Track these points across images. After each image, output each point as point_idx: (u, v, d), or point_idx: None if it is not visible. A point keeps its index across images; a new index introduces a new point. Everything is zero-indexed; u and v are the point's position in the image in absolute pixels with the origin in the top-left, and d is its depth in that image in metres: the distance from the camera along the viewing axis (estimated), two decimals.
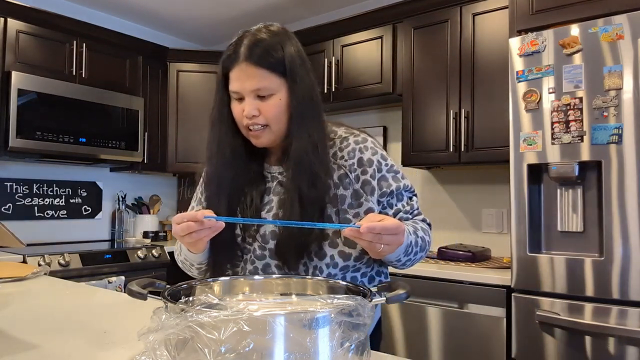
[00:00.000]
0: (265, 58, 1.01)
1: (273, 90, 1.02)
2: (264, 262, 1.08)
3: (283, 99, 1.03)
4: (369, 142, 1.11)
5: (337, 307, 0.66)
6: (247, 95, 1.02)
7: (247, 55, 1.01)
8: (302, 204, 1.01)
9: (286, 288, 0.88)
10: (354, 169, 1.08)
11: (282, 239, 1.04)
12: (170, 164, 3.60)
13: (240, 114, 1.04)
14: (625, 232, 1.73)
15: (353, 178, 1.07)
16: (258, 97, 1.02)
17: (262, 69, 1.00)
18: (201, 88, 3.67)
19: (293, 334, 0.61)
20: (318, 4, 3.45)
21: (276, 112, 1.02)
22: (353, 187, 1.07)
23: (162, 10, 3.58)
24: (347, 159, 1.08)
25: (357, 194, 1.06)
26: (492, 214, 2.75)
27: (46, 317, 1.16)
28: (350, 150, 1.09)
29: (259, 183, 1.11)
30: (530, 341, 1.91)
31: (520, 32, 2.07)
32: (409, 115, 2.72)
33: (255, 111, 1.01)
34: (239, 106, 1.04)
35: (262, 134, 1.04)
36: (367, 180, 1.07)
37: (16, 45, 2.81)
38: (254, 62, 1.00)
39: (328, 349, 0.63)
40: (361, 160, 1.08)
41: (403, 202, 1.11)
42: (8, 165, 3.11)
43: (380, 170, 1.09)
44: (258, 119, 1.02)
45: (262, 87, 1.01)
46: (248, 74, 1.00)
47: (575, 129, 1.84)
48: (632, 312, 1.70)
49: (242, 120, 1.04)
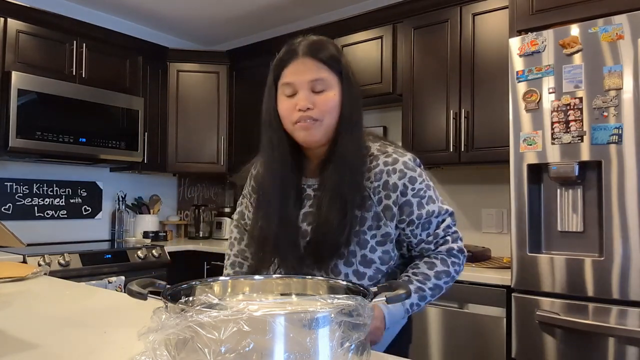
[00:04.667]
0: (325, 54, 1.04)
1: (329, 85, 1.03)
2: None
3: (337, 95, 1.04)
4: (399, 164, 1.08)
5: (337, 307, 0.66)
6: (301, 88, 1.03)
7: (306, 51, 1.04)
8: (340, 200, 1.03)
9: (286, 288, 0.88)
10: (378, 191, 1.07)
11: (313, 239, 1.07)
12: (170, 164, 3.60)
13: (290, 109, 1.04)
14: (625, 232, 1.73)
15: (376, 201, 1.07)
16: (313, 91, 1.03)
17: (321, 62, 1.03)
18: (201, 88, 3.67)
19: (293, 334, 0.61)
20: (318, 4, 3.45)
21: (330, 106, 1.03)
22: (374, 210, 1.07)
23: (162, 10, 3.58)
24: (373, 180, 1.08)
25: (377, 216, 1.07)
26: (492, 214, 2.75)
27: (46, 317, 1.16)
28: (377, 172, 1.08)
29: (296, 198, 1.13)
30: (530, 341, 1.91)
31: (520, 32, 2.07)
32: (409, 115, 2.72)
33: (310, 104, 1.02)
34: (290, 101, 1.04)
35: (312, 126, 1.03)
36: (389, 206, 1.07)
37: (16, 45, 2.81)
38: (314, 56, 1.03)
39: (328, 349, 0.63)
40: (386, 184, 1.07)
41: (429, 230, 1.10)
42: (8, 165, 3.11)
43: (405, 194, 1.07)
44: (312, 112, 1.02)
45: (320, 78, 1.02)
46: (307, 67, 1.03)
47: (575, 129, 1.84)
48: (632, 312, 1.70)
49: (292, 115, 1.04)
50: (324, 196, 1.06)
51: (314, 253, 1.06)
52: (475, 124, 2.48)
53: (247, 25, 3.86)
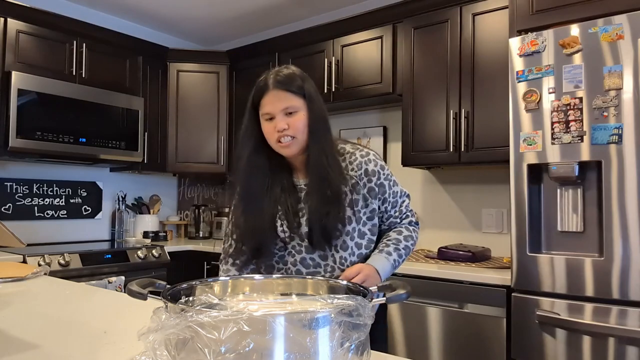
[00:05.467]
0: (290, 84, 1.31)
1: (297, 108, 1.30)
2: (301, 256, 1.35)
3: (304, 115, 1.31)
4: (371, 155, 1.41)
5: (337, 307, 0.66)
6: (277, 114, 1.29)
7: (276, 85, 1.30)
8: (321, 199, 1.29)
9: (286, 288, 0.89)
10: (362, 177, 1.37)
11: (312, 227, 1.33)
12: (170, 164, 3.60)
13: (272, 131, 1.30)
14: (625, 232, 1.73)
15: (362, 185, 1.37)
16: (287, 114, 1.29)
17: (288, 92, 1.30)
18: (201, 88, 3.67)
19: (293, 334, 0.61)
20: (318, 4, 3.45)
21: (301, 125, 1.30)
22: (362, 192, 1.37)
23: (162, 10, 3.58)
24: (356, 170, 1.37)
25: (365, 197, 1.37)
26: (492, 214, 2.75)
27: (46, 317, 1.16)
28: (357, 163, 1.38)
29: (293, 192, 1.38)
30: (530, 341, 1.91)
31: (520, 32, 2.07)
32: (409, 115, 2.72)
33: (285, 125, 1.28)
34: (270, 125, 1.31)
35: (290, 144, 1.30)
36: (372, 187, 1.38)
37: (16, 45, 2.81)
38: (282, 88, 1.30)
39: (328, 349, 0.64)
40: (367, 171, 1.38)
41: (396, 207, 1.44)
42: (8, 165, 3.11)
43: (379, 178, 1.39)
44: (288, 132, 1.29)
45: (289, 105, 1.29)
46: (279, 97, 1.29)
47: (575, 129, 1.84)
48: (632, 312, 1.70)
49: (274, 136, 1.30)
50: (309, 193, 1.34)
51: (316, 238, 1.31)
52: (475, 124, 2.48)
53: (247, 25, 3.86)
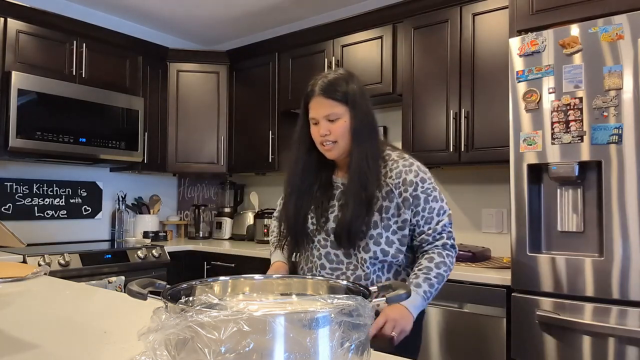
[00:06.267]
0: (333, 92, 1.37)
1: (339, 115, 1.37)
2: (326, 250, 1.42)
3: (347, 122, 1.38)
4: (414, 166, 1.42)
5: (337, 307, 0.66)
6: (320, 119, 1.38)
7: (320, 93, 1.38)
8: (355, 201, 1.34)
9: (286, 288, 0.89)
10: (399, 186, 1.39)
11: (339, 224, 1.38)
12: (170, 164, 3.60)
13: (316, 134, 1.40)
14: (625, 232, 1.73)
15: (397, 194, 1.38)
16: (329, 120, 1.37)
17: (330, 99, 1.37)
18: (201, 88, 3.67)
19: (293, 334, 0.61)
20: (318, 4, 3.45)
21: (341, 131, 1.37)
22: (396, 201, 1.38)
23: (162, 10, 3.58)
24: (394, 178, 1.40)
25: (398, 206, 1.38)
26: (492, 214, 2.75)
27: (46, 317, 1.16)
28: (398, 172, 1.40)
29: (328, 189, 1.46)
30: (530, 341, 1.91)
31: (520, 32, 2.07)
32: (409, 115, 2.72)
33: (327, 131, 1.37)
34: (315, 129, 1.40)
35: (332, 148, 1.39)
36: (407, 197, 1.38)
37: (16, 45, 2.81)
38: (325, 95, 1.37)
39: (328, 349, 0.63)
40: (405, 181, 1.39)
41: (430, 224, 1.40)
42: (8, 165, 3.11)
43: (416, 190, 1.39)
44: (329, 137, 1.38)
45: (330, 113, 1.37)
46: (321, 104, 1.37)
47: (575, 129, 1.84)
48: (632, 312, 1.70)
49: (318, 139, 1.40)
50: (342, 196, 1.41)
51: (339, 239, 1.37)
52: (475, 124, 2.48)
53: (247, 25, 3.86)
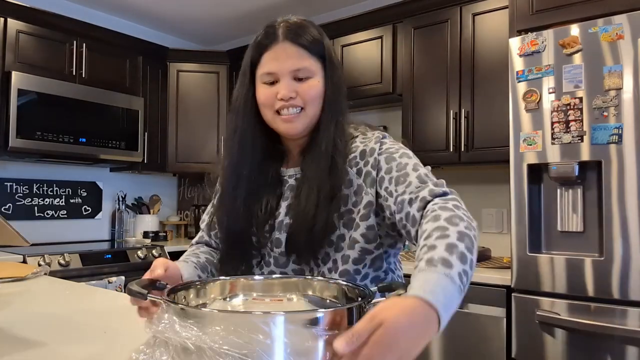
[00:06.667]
0: (307, 39, 0.97)
1: (312, 72, 0.97)
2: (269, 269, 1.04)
3: (320, 83, 0.98)
4: (376, 135, 1.02)
5: (336, 308, 0.66)
6: (283, 76, 0.96)
7: (288, 35, 0.96)
8: (318, 190, 0.95)
9: (287, 288, 0.88)
10: (356, 162, 0.98)
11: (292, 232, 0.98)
12: (170, 164, 3.60)
13: (271, 97, 0.96)
14: (625, 232, 1.73)
15: (355, 172, 0.98)
16: (296, 79, 0.96)
17: (303, 49, 0.96)
18: (201, 88, 3.67)
19: (293, 334, 0.61)
20: (318, 4, 3.45)
21: (314, 94, 0.97)
22: (356, 183, 0.97)
23: (162, 10, 3.58)
24: (351, 152, 1.00)
25: (359, 188, 0.97)
26: (492, 214, 2.74)
27: (46, 317, 1.16)
28: (355, 146, 1.01)
29: (276, 187, 1.04)
30: (530, 341, 1.91)
31: (520, 32, 2.07)
32: (409, 115, 2.72)
33: (293, 93, 0.95)
34: (270, 89, 0.97)
35: (296, 118, 0.96)
36: (368, 172, 0.96)
37: (16, 45, 2.81)
38: (296, 42, 0.96)
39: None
40: (363, 152, 0.99)
41: (405, 182, 0.90)
42: (8, 165, 3.11)
43: (373, 153, 0.98)
44: (295, 101, 0.95)
45: (302, 68, 0.96)
46: (288, 54, 0.95)
47: (575, 129, 1.84)
48: (632, 312, 1.70)
49: (274, 104, 0.96)
50: (303, 186, 0.98)
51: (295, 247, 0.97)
52: (475, 124, 2.48)
53: (247, 25, 3.86)
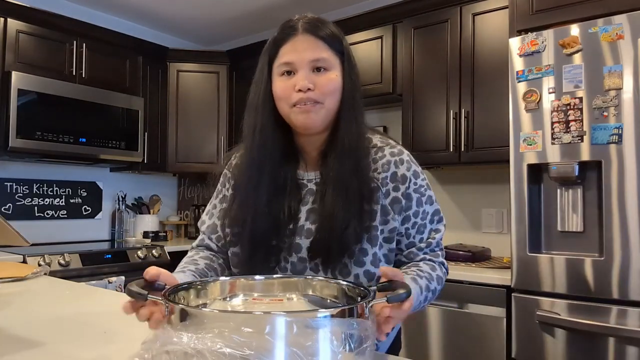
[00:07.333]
0: (326, 32, 0.98)
1: (331, 65, 0.97)
2: None
3: (339, 77, 0.98)
4: (404, 155, 1.03)
5: (337, 308, 0.66)
6: (302, 67, 0.95)
7: (307, 28, 0.98)
8: (344, 191, 0.93)
9: (287, 288, 0.88)
10: (387, 182, 0.99)
11: (319, 236, 0.96)
12: (170, 164, 3.60)
13: (288, 89, 0.95)
14: (625, 232, 1.73)
15: (384, 192, 0.99)
16: (315, 69, 0.96)
17: (322, 41, 0.97)
18: (201, 88, 3.67)
19: (294, 334, 0.61)
20: (318, 4, 3.45)
21: (332, 87, 0.95)
22: (382, 203, 0.98)
23: (162, 10, 3.58)
24: (381, 171, 1.00)
25: (385, 210, 0.98)
26: (492, 214, 2.75)
27: (46, 317, 1.16)
28: (384, 163, 1.01)
29: (295, 189, 1.02)
30: (530, 341, 1.91)
31: (520, 32, 2.07)
32: (409, 115, 2.72)
33: (311, 84, 0.93)
34: (288, 81, 0.95)
35: (313, 109, 0.94)
36: (398, 198, 0.99)
37: (16, 45, 2.81)
38: (315, 34, 0.97)
39: (329, 349, 0.63)
40: (395, 175, 0.99)
41: (423, 235, 1.01)
42: (8, 165, 3.11)
43: (408, 187, 1.00)
44: (312, 94, 0.94)
45: (321, 58, 0.95)
46: (308, 44, 0.96)
47: (575, 129, 1.84)
48: (632, 312, 1.70)
49: (291, 97, 0.94)
50: (327, 188, 0.96)
51: (321, 252, 0.95)
52: (475, 124, 2.48)
53: (247, 25, 3.86)
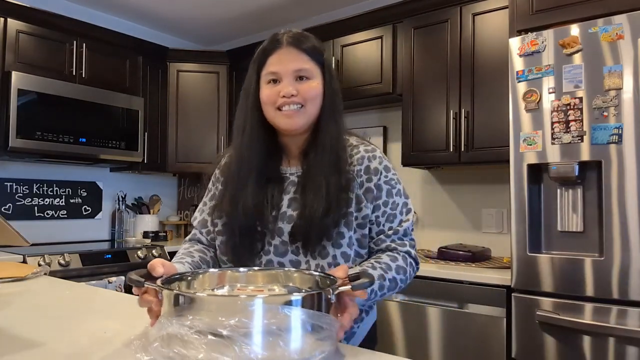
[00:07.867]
0: (308, 45, 1.11)
1: (312, 74, 1.10)
2: (267, 258, 1.12)
3: (319, 85, 1.11)
4: (377, 152, 1.16)
5: (307, 293, 0.76)
6: (286, 76, 1.08)
7: (290, 41, 1.10)
8: (323, 181, 1.06)
9: (268, 280, 0.97)
10: (361, 174, 1.12)
11: (299, 221, 1.07)
12: (170, 164, 3.60)
13: (273, 95, 1.08)
14: (625, 232, 1.73)
15: (358, 183, 1.12)
16: (298, 78, 1.09)
17: (305, 53, 1.10)
18: (201, 88, 3.67)
19: (269, 316, 0.69)
20: (318, 4, 3.45)
21: (313, 93, 1.09)
22: (356, 192, 1.11)
23: (162, 10, 3.59)
24: (356, 164, 1.13)
25: (358, 199, 1.10)
26: (492, 214, 2.74)
27: (46, 317, 1.16)
28: (359, 157, 1.14)
29: (278, 181, 1.15)
30: (530, 341, 1.91)
31: (520, 32, 2.07)
32: (409, 115, 2.72)
33: (294, 91, 1.07)
34: (274, 88, 1.09)
35: (296, 114, 1.08)
36: (370, 188, 1.11)
37: (16, 45, 2.81)
38: (298, 47, 1.10)
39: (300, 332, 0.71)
40: (368, 168, 1.13)
41: (392, 224, 1.12)
42: (8, 165, 3.11)
43: (380, 179, 1.13)
44: (295, 99, 1.07)
45: (303, 69, 1.09)
46: (292, 56, 1.09)
47: (575, 129, 1.84)
48: (632, 312, 1.70)
49: (276, 102, 1.08)
50: (307, 179, 1.09)
51: (302, 235, 1.07)
52: (475, 124, 2.48)
53: (247, 25, 3.86)
